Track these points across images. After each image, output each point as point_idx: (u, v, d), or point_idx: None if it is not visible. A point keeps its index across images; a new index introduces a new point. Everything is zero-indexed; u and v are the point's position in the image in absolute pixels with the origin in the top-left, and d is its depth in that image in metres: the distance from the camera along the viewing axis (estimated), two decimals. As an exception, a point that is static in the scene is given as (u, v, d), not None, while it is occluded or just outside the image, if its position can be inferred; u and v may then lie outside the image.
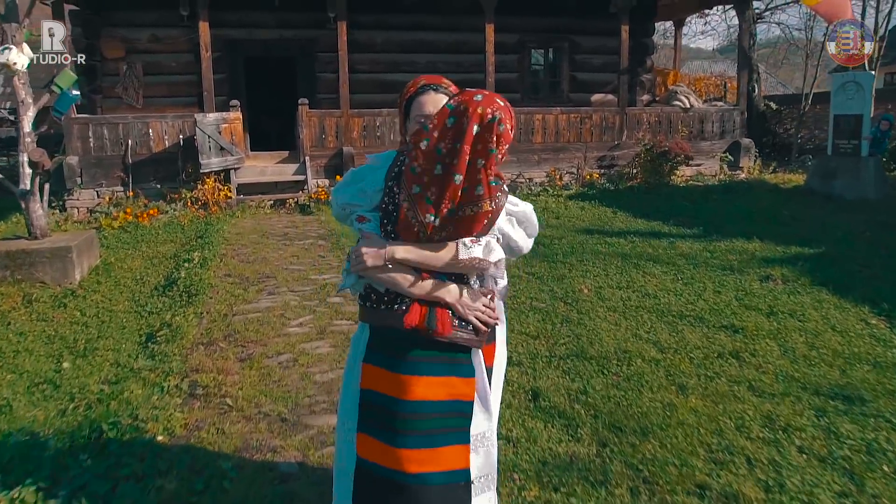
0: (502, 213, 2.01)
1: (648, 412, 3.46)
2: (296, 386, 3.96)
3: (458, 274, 1.95)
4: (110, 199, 10.32)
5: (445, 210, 1.81)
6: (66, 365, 4.64)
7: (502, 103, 1.82)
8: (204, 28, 10.16)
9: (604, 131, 12.30)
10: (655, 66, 15.72)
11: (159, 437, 3.33)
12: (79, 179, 10.26)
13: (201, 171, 10.00)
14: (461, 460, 1.98)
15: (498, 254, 1.93)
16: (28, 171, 6.51)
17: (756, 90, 18.27)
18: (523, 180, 11.86)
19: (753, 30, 19.04)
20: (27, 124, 6.46)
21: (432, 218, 1.83)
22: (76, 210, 10.31)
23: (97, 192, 10.43)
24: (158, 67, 11.72)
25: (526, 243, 2.21)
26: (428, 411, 1.93)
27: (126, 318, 5.62)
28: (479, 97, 1.79)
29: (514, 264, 6.50)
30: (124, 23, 11.36)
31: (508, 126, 1.80)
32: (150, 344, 4.88)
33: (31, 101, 6.49)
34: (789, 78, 37.41)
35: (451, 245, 1.89)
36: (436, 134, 1.80)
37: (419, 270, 1.92)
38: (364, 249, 1.90)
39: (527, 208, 2.21)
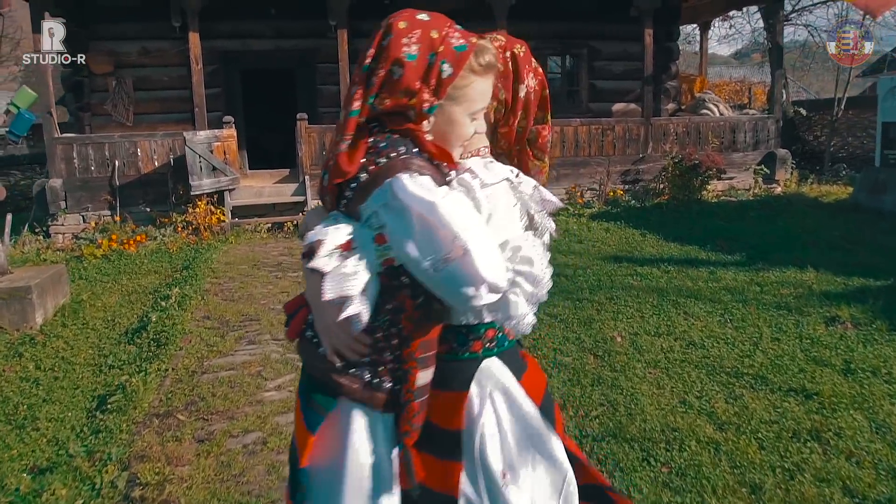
0: (379, 193, 1.24)
1: (718, 534, 2.59)
2: (259, 484, 3.12)
3: None
4: (97, 224, 9.59)
5: (330, 163, 1.36)
6: (-7, 443, 3.86)
7: (427, 17, 1.33)
8: (194, 39, 9.43)
9: (627, 143, 11.41)
10: (680, 72, 14.80)
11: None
12: (63, 203, 9.55)
13: (192, 193, 9.24)
14: None
15: (334, 238, 1.26)
16: (-19, 202, 5.77)
17: (784, 96, 17.32)
18: (541, 197, 10.99)
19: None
20: (-20, 149, 5.72)
21: (323, 174, 1.40)
22: (61, 236, 9.59)
23: (83, 216, 9.71)
24: (149, 82, 10.99)
25: (440, 279, 1.20)
26: None
27: (83, 374, 4.84)
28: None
29: (532, 304, 5.64)
30: (112, 35, 10.64)
31: (407, 41, 1.27)
32: (98, 413, 4.08)
33: (-16, 123, 5.74)
34: (809, 82, 36.24)
35: None
36: None
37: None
38: None
39: (443, 207, 1.19)
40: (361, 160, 1.27)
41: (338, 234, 1.26)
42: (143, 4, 10.37)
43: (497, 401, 1.43)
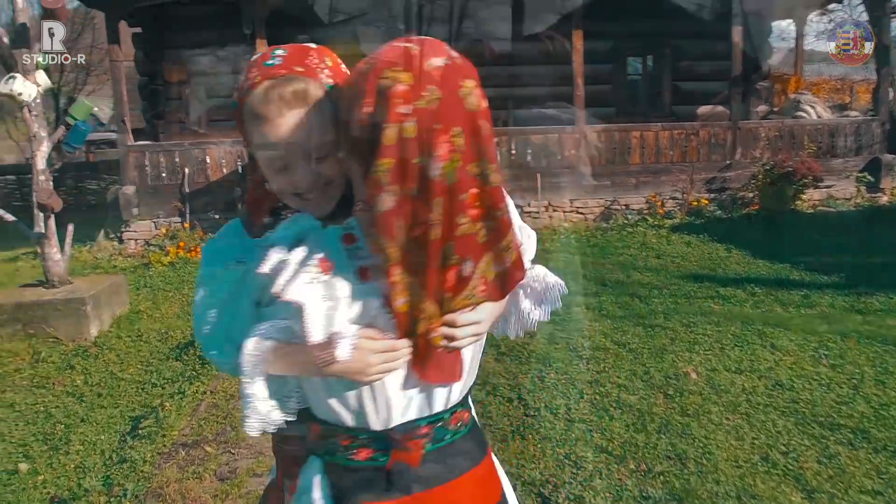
0: None
1: None
2: (272, 538, 2.83)
3: None
4: (167, 230, 9.69)
5: None
6: (22, 467, 3.75)
7: (274, 61, 1.12)
8: (261, 47, 9.38)
9: (713, 149, 10.63)
10: (773, 71, 13.79)
11: None
12: (135, 210, 9.69)
13: (257, 201, 9.18)
14: None
15: None
16: (41, 213, 5.79)
17: (891, 94, 15.94)
18: (619, 207, 10.37)
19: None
20: (41, 161, 5.74)
21: None
22: (133, 242, 9.75)
23: (154, 223, 9.83)
24: (222, 89, 11.07)
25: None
26: None
27: (126, 392, 4.74)
28: None
29: (599, 330, 5.16)
30: (186, 44, 10.76)
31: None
32: (129, 438, 3.93)
33: (44, 134, 5.76)
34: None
35: None
36: None
37: None
38: None
39: None
40: None
41: None
42: (215, 13, 10.45)
43: None
